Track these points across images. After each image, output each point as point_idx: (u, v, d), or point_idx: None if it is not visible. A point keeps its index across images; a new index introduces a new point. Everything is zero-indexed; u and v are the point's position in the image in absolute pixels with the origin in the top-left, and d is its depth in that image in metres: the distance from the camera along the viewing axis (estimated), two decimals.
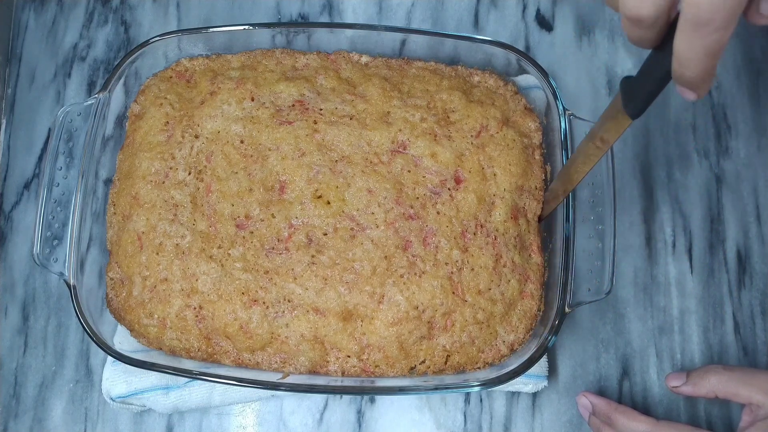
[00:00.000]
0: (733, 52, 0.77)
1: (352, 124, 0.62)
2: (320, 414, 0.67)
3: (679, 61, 0.36)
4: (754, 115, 0.75)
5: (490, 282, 0.60)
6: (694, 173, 0.73)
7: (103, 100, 0.63)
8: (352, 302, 0.58)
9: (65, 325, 0.69)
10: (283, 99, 0.63)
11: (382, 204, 0.60)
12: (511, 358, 0.60)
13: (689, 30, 0.33)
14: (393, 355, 0.58)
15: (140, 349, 0.62)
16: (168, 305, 0.59)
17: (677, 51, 0.35)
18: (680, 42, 0.34)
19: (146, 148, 0.63)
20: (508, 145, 0.63)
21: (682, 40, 0.34)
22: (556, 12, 0.78)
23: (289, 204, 0.60)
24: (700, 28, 0.33)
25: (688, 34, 0.33)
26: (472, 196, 0.61)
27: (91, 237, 0.63)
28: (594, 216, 0.61)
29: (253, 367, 0.59)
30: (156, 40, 0.65)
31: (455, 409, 0.67)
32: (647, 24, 0.35)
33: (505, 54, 0.65)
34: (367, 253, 0.59)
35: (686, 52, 0.34)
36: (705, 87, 0.37)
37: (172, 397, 0.63)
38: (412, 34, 0.66)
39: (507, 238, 0.61)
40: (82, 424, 0.66)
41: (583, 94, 0.75)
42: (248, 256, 0.59)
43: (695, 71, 0.35)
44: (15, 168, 0.73)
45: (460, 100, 0.64)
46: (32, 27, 0.77)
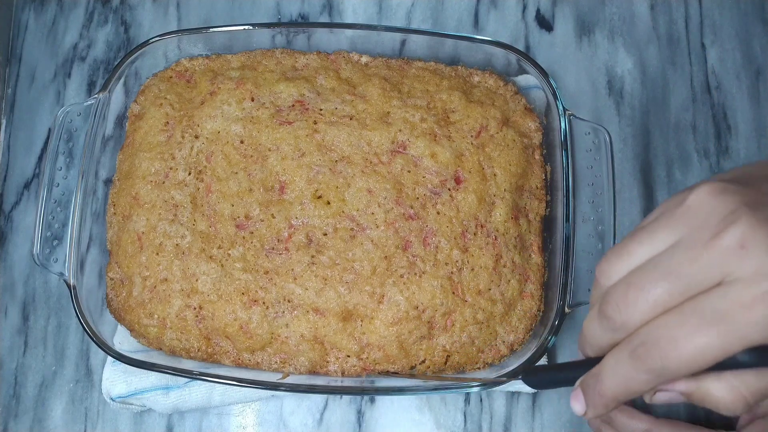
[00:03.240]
0: (733, 52, 0.77)
1: (352, 124, 0.62)
2: (320, 414, 0.67)
3: (592, 374, 0.37)
4: (754, 115, 0.75)
5: (490, 282, 0.60)
6: (694, 173, 0.73)
7: (103, 100, 0.63)
8: (352, 302, 0.58)
9: (65, 325, 0.69)
10: (283, 99, 0.63)
11: (382, 204, 0.60)
12: (511, 358, 0.60)
13: (625, 356, 0.34)
14: (393, 354, 0.58)
15: (140, 349, 0.62)
16: (168, 305, 0.59)
17: (601, 365, 0.36)
18: (609, 360, 0.36)
19: (146, 148, 0.63)
20: (508, 145, 0.63)
21: (612, 359, 0.35)
22: (556, 12, 0.78)
23: (289, 204, 0.60)
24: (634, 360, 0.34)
25: (622, 359, 0.35)
26: (472, 196, 0.61)
27: (91, 237, 0.63)
28: (594, 216, 0.61)
29: (253, 367, 0.59)
30: (156, 40, 0.65)
31: (455, 409, 0.67)
32: (612, 327, 0.35)
33: (505, 54, 0.65)
34: (367, 253, 0.59)
35: (607, 370, 0.36)
36: (596, 409, 0.38)
37: (172, 397, 0.63)
38: (412, 34, 0.66)
39: (507, 238, 0.61)
40: (82, 424, 0.66)
41: (583, 94, 0.75)
42: (248, 257, 0.59)
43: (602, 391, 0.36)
44: (15, 168, 0.73)
45: (460, 100, 0.64)
46: (32, 27, 0.77)
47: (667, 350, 0.32)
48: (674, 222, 0.34)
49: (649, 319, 0.33)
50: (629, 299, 0.34)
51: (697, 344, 0.31)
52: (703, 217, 0.33)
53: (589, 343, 0.37)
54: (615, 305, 0.34)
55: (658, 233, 0.34)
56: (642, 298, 0.33)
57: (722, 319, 0.31)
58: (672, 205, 0.35)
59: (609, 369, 0.35)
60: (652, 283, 0.33)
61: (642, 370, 0.33)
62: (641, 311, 0.33)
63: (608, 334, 0.35)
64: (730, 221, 0.32)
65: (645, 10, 0.78)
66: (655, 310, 0.33)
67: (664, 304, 0.33)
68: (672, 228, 0.34)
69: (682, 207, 0.34)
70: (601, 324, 0.35)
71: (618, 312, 0.34)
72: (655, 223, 0.35)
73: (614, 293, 0.34)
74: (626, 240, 0.36)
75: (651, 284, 0.33)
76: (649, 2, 0.78)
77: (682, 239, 0.33)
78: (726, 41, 0.77)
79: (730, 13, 0.78)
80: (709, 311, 0.31)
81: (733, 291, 0.31)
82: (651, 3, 0.78)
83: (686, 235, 0.33)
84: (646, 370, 0.33)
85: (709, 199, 0.33)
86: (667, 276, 0.33)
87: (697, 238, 0.32)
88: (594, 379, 0.36)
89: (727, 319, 0.31)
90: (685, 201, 0.34)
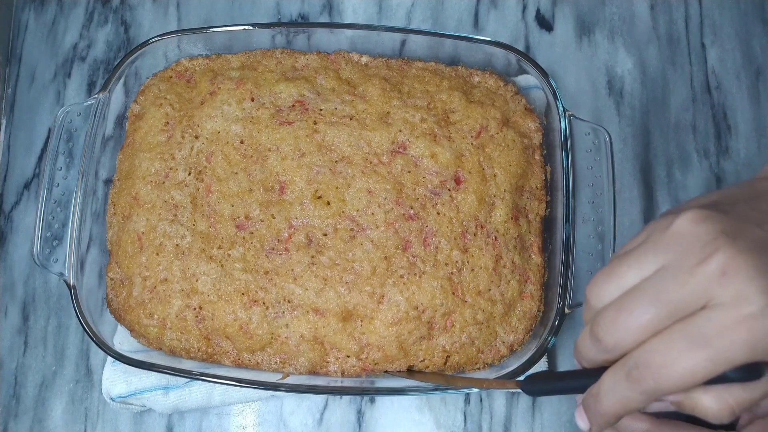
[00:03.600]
0: (733, 52, 0.77)
1: (352, 124, 0.62)
2: (320, 414, 0.67)
3: (592, 393, 0.39)
4: (754, 115, 0.75)
5: (490, 282, 0.60)
6: (694, 173, 0.73)
7: (103, 100, 0.63)
8: (352, 302, 0.58)
9: (65, 325, 0.69)
10: (283, 99, 0.63)
11: (382, 204, 0.60)
12: (511, 358, 0.61)
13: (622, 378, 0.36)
14: (392, 355, 0.58)
15: (140, 349, 0.62)
16: (168, 305, 0.59)
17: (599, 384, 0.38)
18: (607, 380, 0.37)
19: (146, 149, 0.63)
20: (508, 146, 0.63)
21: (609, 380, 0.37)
22: (556, 12, 0.78)
23: (289, 204, 0.60)
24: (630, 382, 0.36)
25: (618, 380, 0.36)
26: (472, 197, 0.61)
27: (91, 237, 0.63)
28: (594, 217, 0.61)
29: (253, 367, 0.59)
30: (156, 40, 0.65)
31: (455, 409, 0.67)
32: (603, 349, 0.37)
33: (505, 54, 0.65)
34: (367, 254, 0.59)
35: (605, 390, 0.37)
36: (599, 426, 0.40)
37: (172, 397, 0.63)
38: (412, 35, 0.66)
39: (507, 239, 0.61)
40: (82, 424, 0.67)
41: (583, 94, 0.75)
42: (248, 257, 0.59)
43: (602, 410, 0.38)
44: (15, 168, 0.73)
45: (460, 100, 0.64)
46: (32, 27, 0.77)
47: (660, 372, 0.34)
48: (661, 247, 0.36)
49: (640, 341, 0.35)
50: (619, 323, 0.36)
51: (686, 366, 0.33)
52: (687, 244, 0.35)
53: (583, 358, 0.39)
54: (606, 328, 0.36)
55: (646, 257, 0.36)
56: (632, 321, 0.35)
57: (709, 342, 0.33)
58: (658, 229, 0.37)
59: (607, 390, 0.37)
60: (642, 307, 0.35)
61: (638, 391, 0.35)
62: (632, 334, 0.35)
63: (601, 354, 0.37)
64: (712, 249, 0.34)
65: (645, 10, 0.78)
66: (644, 333, 0.35)
67: (653, 327, 0.35)
68: (659, 253, 0.36)
69: (667, 233, 0.36)
70: (593, 344, 0.37)
71: (609, 335, 0.36)
72: (643, 247, 0.37)
73: (605, 316, 0.36)
74: (615, 263, 0.38)
75: (640, 309, 0.35)
76: (649, 2, 0.78)
77: (669, 265, 0.35)
78: (726, 41, 0.77)
79: (730, 13, 0.78)
80: (696, 334, 0.34)
81: (717, 315, 0.33)
82: (651, 3, 0.78)
83: (672, 260, 0.35)
84: (641, 391, 0.35)
85: (692, 226, 0.36)
86: (655, 301, 0.35)
87: (683, 265, 0.35)
88: (594, 399, 0.38)
89: (713, 342, 0.33)
90: (671, 227, 0.36)
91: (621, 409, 0.37)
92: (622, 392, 0.36)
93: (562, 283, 0.58)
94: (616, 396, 0.37)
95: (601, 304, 0.37)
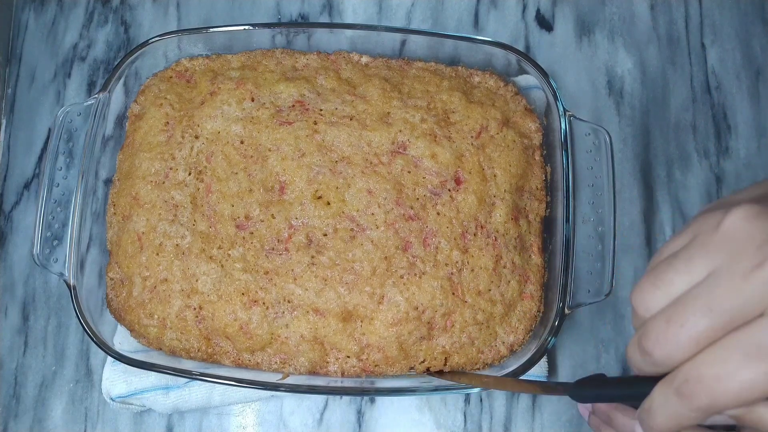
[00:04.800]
0: (733, 52, 0.77)
1: (352, 124, 0.62)
2: (320, 414, 0.67)
3: (644, 409, 0.36)
4: (754, 115, 0.75)
5: (490, 283, 0.60)
6: (694, 173, 0.73)
7: (103, 100, 0.63)
8: (352, 303, 0.58)
9: (65, 325, 0.69)
10: (283, 99, 0.63)
11: (382, 205, 0.60)
12: (511, 359, 0.61)
13: (672, 394, 0.34)
14: (392, 355, 0.58)
15: (140, 349, 0.62)
16: (168, 305, 0.59)
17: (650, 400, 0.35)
18: (657, 396, 0.35)
19: (146, 149, 0.63)
20: (508, 146, 0.63)
21: (659, 395, 0.35)
22: (556, 12, 0.78)
23: (289, 204, 0.60)
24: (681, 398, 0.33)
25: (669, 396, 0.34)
26: (473, 197, 0.61)
27: (91, 237, 0.63)
28: (594, 217, 0.61)
29: (253, 367, 0.59)
30: (156, 40, 0.65)
31: (455, 409, 0.67)
32: (653, 362, 0.34)
33: (505, 54, 0.65)
34: (367, 254, 0.59)
35: (656, 407, 0.35)
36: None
37: (172, 397, 0.63)
38: (412, 35, 0.66)
39: (507, 239, 0.61)
40: (82, 424, 0.67)
41: (583, 94, 0.75)
42: (248, 257, 0.59)
43: (656, 427, 0.35)
44: (15, 168, 0.73)
45: (461, 100, 0.64)
46: (32, 27, 0.77)
47: (713, 388, 0.32)
48: (711, 250, 0.33)
49: (692, 354, 0.33)
50: (669, 336, 0.33)
51: (743, 380, 0.31)
52: (740, 245, 0.32)
53: (634, 367, 0.36)
54: (655, 342, 0.33)
55: (695, 261, 0.34)
56: (683, 334, 0.32)
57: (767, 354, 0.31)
58: (706, 229, 0.34)
59: (658, 406, 0.35)
60: (693, 318, 0.32)
61: (690, 408, 0.33)
62: (682, 348, 0.33)
63: (651, 367, 0.34)
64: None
65: (645, 10, 0.78)
66: (697, 345, 0.32)
67: (705, 339, 0.32)
68: (709, 256, 0.33)
69: (718, 233, 0.33)
70: (642, 357, 0.35)
71: (659, 349, 0.33)
72: (690, 249, 0.34)
73: (653, 328, 0.34)
74: (662, 268, 0.35)
75: (691, 320, 0.32)
76: (649, 2, 0.78)
77: (721, 269, 0.32)
78: (726, 41, 0.77)
79: (730, 13, 0.78)
80: (753, 345, 0.31)
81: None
82: (651, 3, 0.78)
83: (724, 264, 0.32)
84: (693, 408, 0.33)
85: (745, 224, 0.33)
86: (707, 310, 0.32)
87: (736, 269, 0.32)
88: (646, 415, 0.36)
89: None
90: (721, 226, 0.33)
91: (674, 425, 0.34)
92: (674, 408, 0.34)
93: (562, 283, 0.58)
94: (667, 412, 0.34)
95: (649, 313, 0.35)
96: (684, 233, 0.36)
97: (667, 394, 0.34)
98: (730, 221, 0.33)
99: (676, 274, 0.34)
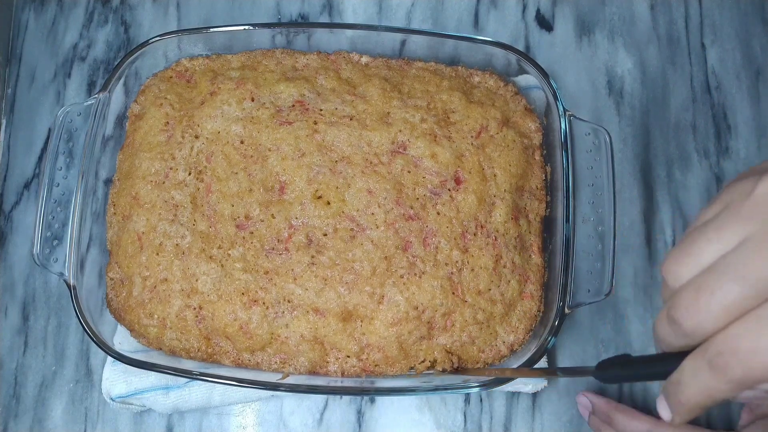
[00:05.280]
0: (733, 52, 0.77)
1: (352, 124, 0.62)
2: (320, 414, 0.67)
3: (672, 382, 0.35)
4: (754, 115, 0.75)
5: (490, 282, 0.60)
6: (694, 173, 0.73)
7: (103, 100, 0.63)
8: (352, 302, 0.58)
9: (65, 325, 0.69)
10: (283, 99, 0.63)
11: (382, 204, 0.60)
12: (511, 358, 0.61)
13: (704, 366, 0.32)
14: (392, 355, 0.58)
15: (140, 349, 0.62)
16: (168, 305, 0.59)
17: (680, 372, 0.34)
18: (688, 368, 0.33)
19: (146, 149, 0.63)
20: (508, 146, 0.63)
21: (690, 368, 0.33)
22: (556, 12, 0.78)
23: (289, 204, 0.60)
24: (714, 371, 0.32)
25: (700, 368, 0.32)
26: (472, 197, 0.61)
27: (91, 237, 0.63)
28: (594, 217, 0.61)
29: (253, 367, 0.59)
30: (156, 40, 0.65)
31: (455, 409, 0.67)
32: (683, 333, 0.33)
33: (505, 54, 0.65)
34: (367, 254, 0.59)
35: (687, 379, 0.33)
36: (681, 417, 0.35)
37: (172, 397, 0.63)
38: (412, 35, 0.66)
39: (507, 239, 0.61)
40: (82, 424, 0.67)
41: (583, 94, 0.75)
42: (248, 257, 0.59)
43: (684, 400, 0.34)
44: (15, 168, 0.73)
45: (460, 100, 0.64)
46: (32, 27, 0.77)
47: (748, 360, 0.30)
48: (744, 216, 0.32)
49: (723, 325, 0.31)
50: (700, 304, 0.31)
51: None
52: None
53: (662, 342, 0.35)
54: (685, 311, 0.32)
55: (727, 228, 0.32)
56: (714, 302, 0.31)
57: None
58: (739, 195, 0.33)
59: (688, 379, 0.33)
60: (725, 286, 0.31)
61: (723, 381, 0.31)
62: (714, 317, 0.31)
63: (680, 340, 0.33)
64: None
65: (645, 10, 0.78)
66: (729, 315, 0.31)
67: (738, 308, 0.31)
68: (741, 223, 0.32)
69: (750, 199, 0.32)
70: (671, 329, 0.33)
71: (688, 318, 0.32)
72: (722, 216, 0.33)
73: (684, 297, 0.32)
74: (693, 236, 0.33)
75: (723, 288, 0.31)
76: (649, 2, 0.78)
77: (754, 235, 0.31)
78: (726, 41, 0.77)
79: (730, 13, 0.78)
80: None
81: None
82: (651, 3, 0.78)
83: (757, 231, 0.31)
84: (727, 381, 0.31)
85: None
86: (740, 278, 0.30)
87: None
88: (674, 387, 0.34)
89: None
90: (754, 191, 0.32)
91: (705, 399, 0.33)
92: (706, 382, 0.32)
93: (562, 283, 0.58)
94: (698, 385, 0.32)
95: (679, 283, 0.33)
96: (716, 201, 0.34)
97: (699, 366, 0.32)
98: (763, 187, 0.32)
99: (707, 243, 0.33)
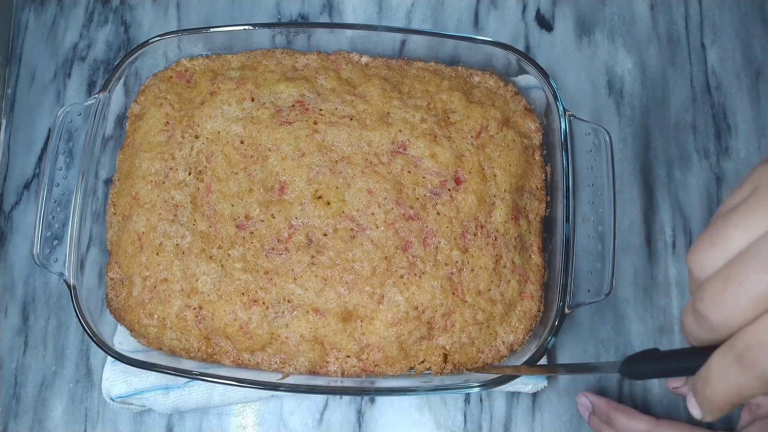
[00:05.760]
0: (733, 52, 0.77)
1: (352, 124, 0.62)
2: (320, 414, 0.67)
3: (700, 378, 0.33)
4: (754, 115, 0.75)
5: (490, 283, 0.60)
6: (694, 173, 0.73)
7: (103, 100, 0.63)
8: (352, 303, 0.58)
9: (65, 325, 0.69)
10: (283, 99, 0.63)
11: (382, 204, 0.60)
12: (511, 358, 0.60)
13: (732, 361, 0.31)
14: (392, 355, 0.58)
15: (140, 349, 0.62)
16: (168, 305, 0.59)
17: (707, 368, 0.32)
18: (715, 364, 0.32)
19: (146, 149, 0.63)
20: (508, 146, 0.63)
21: (718, 363, 0.32)
22: (556, 12, 0.78)
23: (289, 204, 0.60)
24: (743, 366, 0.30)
25: (729, 364, 0.31)
26: (472, 197, 0.61)
27: (91, 237, 0.63)
28: (594, 217, 0.61)
29: (253, 367, 0.59)
30: (156, 40, 0.65)
31: (455, 409, 0.67)
32: (709, 327, 0.31)
33: (505, 54, 0.65)
34: (367, 254, 0.59)
35: (714, 376, 0.32)
36: (712, 414, 0.34)
37: (172, 397, 0.63)
38: (412, 35, 0.66)
39: (507, 239, 0.61)
40: (82, 424, 0.67)
41: (583, 94, 0.75)
42: (248, 257, 0.59)
43: (712, 397, 0.32)
44: (15, 168, 0.73)
45: (460, 100, 0.64)
46: (32, 27, 0.77)
47: None
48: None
49: (752, 317, 0.29)
50: (727, 297, 0.30)
51: None
52: None
53: (689, 336, 0.33)
54: (711, 303, 0.30)
55: (755, 215, 0.30)
56: (742, 294, 0.29)
57: None
58: (766, 181, 0.31)
59: (716, 375, 0.32)
60: (753, 276, 0.29)
61: (753, 377, 0.30)
62: (742, 310, 0.29)
63: (707, 334, 0.31)
64: None
65: (645, 10, 0.78)
66: (757, 307, 0.29)
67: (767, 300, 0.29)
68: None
69: None
70: (698, 322, 0.31)
71: (715, 311, 0.30)
72: (750, 202, 0.31)
73: (710, 289, 0.30)
74: (718, 224, 0.32)
75: (751, 278, 0.29)
76: (649, 2, 0.78)
77: None
78: (726, 41, 0.77)
79: (730, 13, 0.78)
80: None
81: None
82: (651, 3, 0.78)
83: None
84: (757, 377, 0.30)
85: None
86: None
87: None
88: (703, 384, 0.33)
89: None
90: None
91: (734, 396, 0.31)
92: (734, 378, 0.30)
93: (562, 283, 0.58)
94: (727, 382, 0.31)
95: (705, 274, 0.31)
96: (743, 186, 0.33)
97: (727, 361, 0.31)
98: None
99: (734, 230, 0.31)
